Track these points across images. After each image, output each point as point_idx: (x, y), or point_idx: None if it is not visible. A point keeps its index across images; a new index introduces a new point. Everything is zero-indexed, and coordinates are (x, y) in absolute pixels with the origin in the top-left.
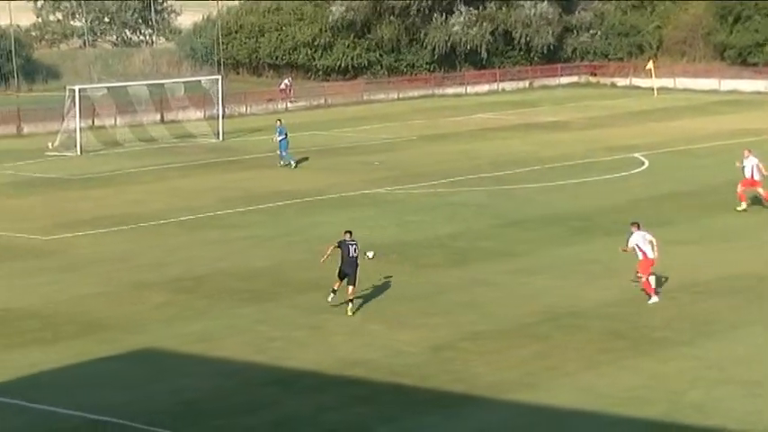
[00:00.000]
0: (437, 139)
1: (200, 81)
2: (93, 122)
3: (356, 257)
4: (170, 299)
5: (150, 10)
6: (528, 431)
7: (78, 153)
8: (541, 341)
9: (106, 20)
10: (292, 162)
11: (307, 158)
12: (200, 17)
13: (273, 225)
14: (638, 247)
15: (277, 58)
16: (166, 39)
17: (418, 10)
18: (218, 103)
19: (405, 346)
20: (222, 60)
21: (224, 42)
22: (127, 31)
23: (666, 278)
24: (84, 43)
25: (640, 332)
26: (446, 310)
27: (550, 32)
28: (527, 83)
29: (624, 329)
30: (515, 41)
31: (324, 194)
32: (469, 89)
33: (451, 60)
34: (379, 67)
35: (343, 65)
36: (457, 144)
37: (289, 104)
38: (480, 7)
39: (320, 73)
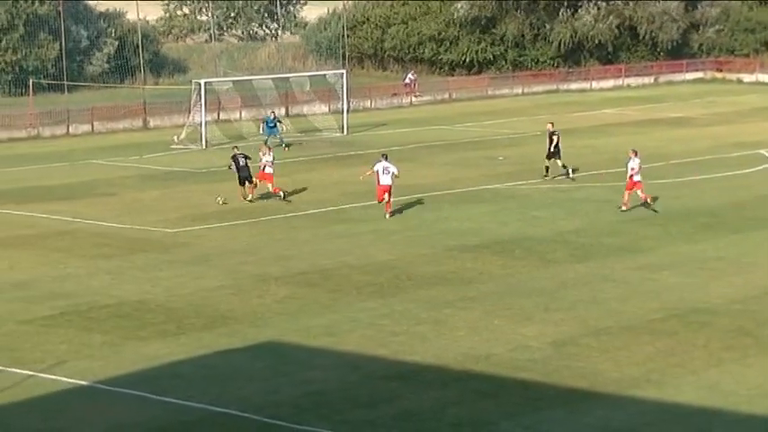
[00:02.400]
0: (561, 135)
1: (324, 75)
2: (218, 116)
3: None
4: (294, 292)
5: (276, 4)
6: (652, 428)
7: (203, 146)
8: (666, 338)
9: (232, 14)
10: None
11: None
12: (326, 11)
13: (397, 219)
14: None
15: (402, 52)
16: (292, 33)
17: (545, 5)
18: (342, 98)
19: (528, 341)
20: (347, 54)
21: (349, 36)
22: (253, 25)
23: None
24: (211, 37)
25: (767, 330)
26: (570, 305)
27: (675, 28)
28: (652, 78)
29: (750, 327)
30: (641, 37)
31: (447, 189)
32: (594, 84)
33: (576, 56)
34: (504, 62)
35: (467, 59)
36: (581, 139)
37: (413, 99)
38: (607, 2)
39: (445, 67)
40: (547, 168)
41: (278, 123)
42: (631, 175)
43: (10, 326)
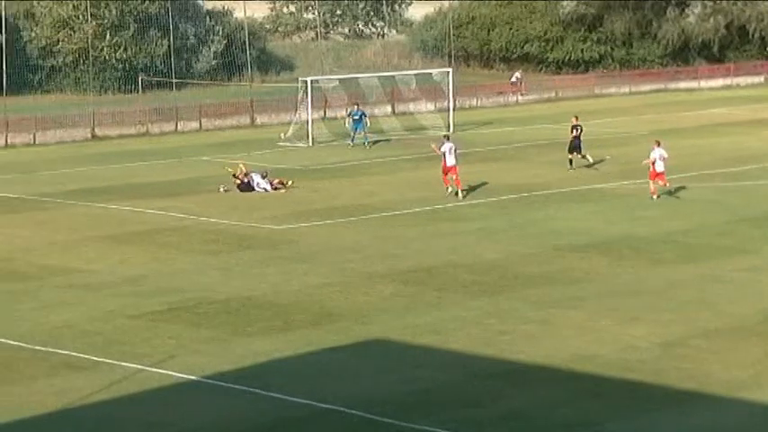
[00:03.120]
0: (668, 134)
1: (431, 73)
2: (324, 114)
3: None
4: (400, 290)
5: (382, 2)
6: (761, 431)
7: (309, 144)
8: None
9: (339, 12)
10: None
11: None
12: (432, 9)
13: (503, 218)
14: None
15: (508, 51)
16: (398, 31)
17: (652, 4)
18: (448, 96)
19: (636, 342)
20: (453, 53)
21: (455, 35)
22: (359, 23)
23: None
24: (317, 35)
25: None
26: (678, 306)
27: None
28: (762, 78)
29: None
30: (750, 36)
31: (553, 188)
32: (702, 84)
33: (684, 54)
34: (611, 61)
35: (573, 58)
36: (688, 139)
37: (519, 97)
38: (714, 1)
39: (551, 66)
40: (570, 161)
41: (364, 117)
42: (653, 165)
43: (120, 320)
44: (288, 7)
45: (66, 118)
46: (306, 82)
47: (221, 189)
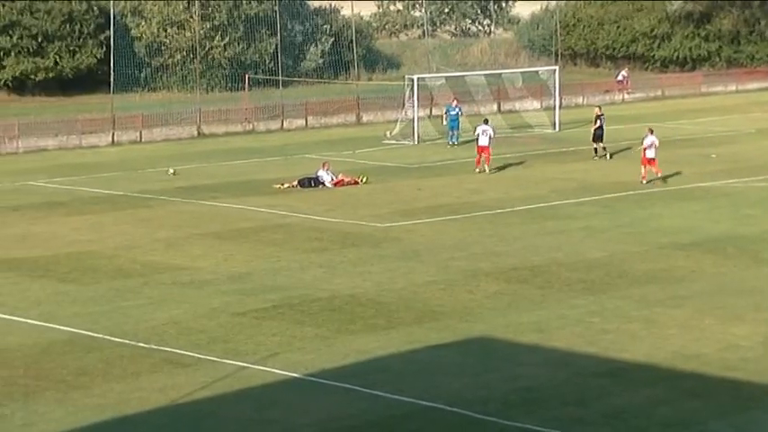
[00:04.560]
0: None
1: (537, 72)
2: (430, 112)
3: None
4: (504, 288)
5: (489, 0)
6: None
7: (415, 142)
8: None
9: (446, 10)
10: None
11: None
12: (539, 7)
13: (608, 216)
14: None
15: (615, 49)
16: (504, 29)
17: (760, 3)
18: (554, 94)
19: (739, 341)
20: (560, 51)
21: (562, 33)
22: (466, 21)
23: None
24: (424, 33)
25: None
26: None
27: None
28: None
29: None
30: None
31: (660, 187)
32: None
33: None
34: (718, 59)
35: (680, 56)
36: None
37: (625, 96)
38: None
39: (657, 64)
40: (595, 150)
41: (460, 115)
42: (644, 151)
43: (224, 317)
44: (395, 5)
45: (172, 116)
46: (412, 80)
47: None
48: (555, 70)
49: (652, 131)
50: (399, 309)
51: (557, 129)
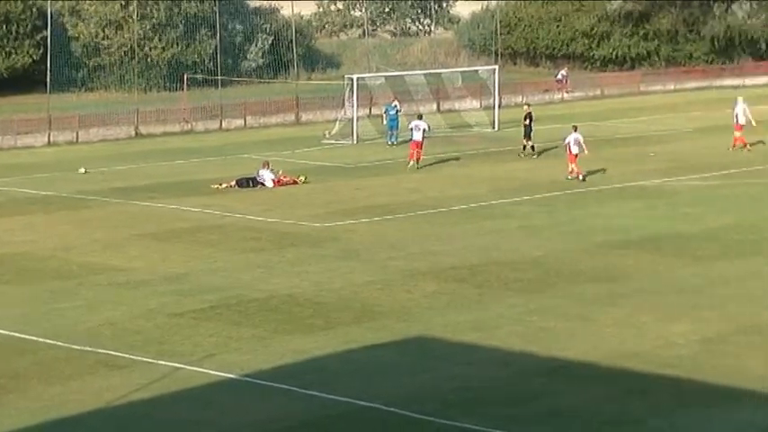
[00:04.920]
0: (713, 131)
1: (477, 71)
2: (370, 111)
3: None
4: (442, 287)
5: (429, 0)
6: None
7: (354, 141)
8: None
9: (386, 10)
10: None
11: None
12: (479, 7)
13: (546, 215)
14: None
15: (554, 49)
16: (444, 28)
17: (700, 3)
18: (494, 93)
19: (676, 339)
20: (500, 51)
21: (502, 33)
22: (406, 20)
23: None
24: (364, 33)
25: None
26: (719, 303)
27: None
28: None
29: None
30: None
31: (597, 185)
32: (748, 81)
33: (730, 51)
34: (657, 58)
35: (619, 54)
36: (733, 136)
37: (565, 95)
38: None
39: (597, 63)
40: (524, 147)
41: (398, 114)
42: (568, 148)
43: (161, 318)
44: (335, 5)
45: (109, 116)
46: (351, 79)
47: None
48: (494, 70)
49: (576, 129)
50: (337, 309)
51: (496, 128)
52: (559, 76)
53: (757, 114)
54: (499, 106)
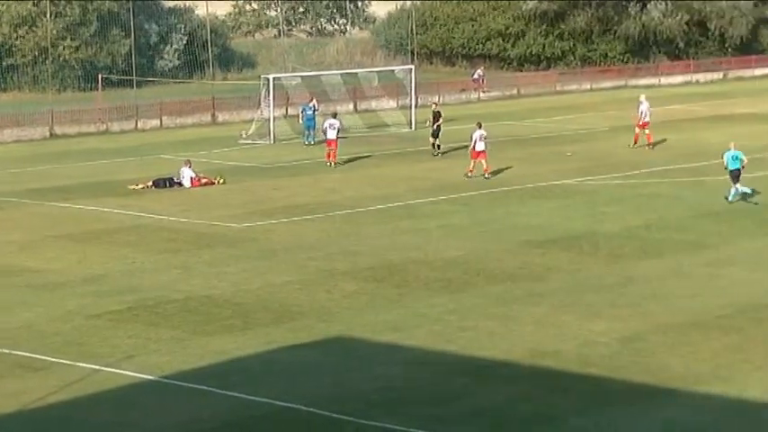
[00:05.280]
0: (629, 130)
1: (393, 71)
2: (286, 111)
3: None
4: (362, 287)
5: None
6: (721, 425)
7: (271, 142)
8: (734, 334)
9: (301, 9)
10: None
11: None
12: (395, 6)
13: (465, 215)
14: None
15: (470, 48)
16: (360, 28)
17: (614, 4)
18: (410, 93)
19: (596, 337)
20: (416, 50)
21: (418, 32)
22: (321, 20)
23: None
24: (280, 33)
25: None
26: (638, 301)
27: (745, 24)
28: (721, 74)
29: None
30: (710, 33)
31: (515, 185)
32: (663, 80)
33: (645, 51)
34: (573, 58)
35: (534, 51)
36: (635, 134)
37: (481, 94)
38: None
39: (513, 63)
40: (433, 145)
41: (315, 114)
42: (474, 146)
43: (79, 320)
44: (250, 4)
45: (23, 116)
46: (268, 79)
47: (138, 186)
48: (411, 69)
49: (480, 125)
50: (256, 309)
51: (413, 128)
52: (476, 76)
53: (669, 115)
54: (416, 106)
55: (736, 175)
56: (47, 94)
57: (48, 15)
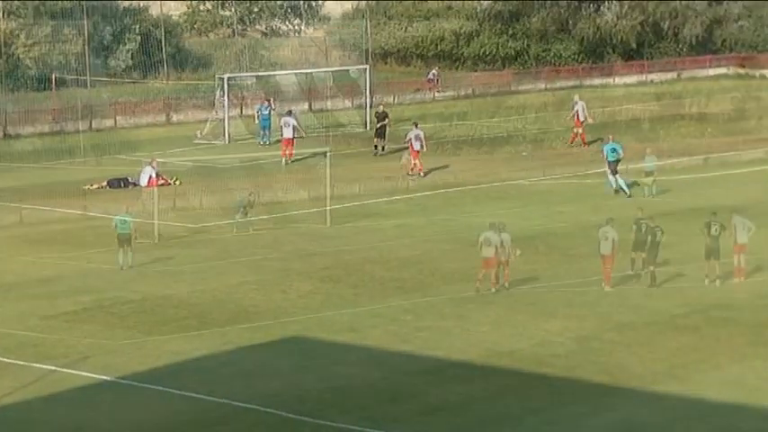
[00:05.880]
0: (585, 130)
1: (348, 70)
2: (241, 111)
3: None
4: (317, 287)
5: None
6: (676, 423)
7: (226, 142)
8: (689, 334)
9: (255, 9)
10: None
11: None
12: (349, 6)
13: (421, 215)
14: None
15: (425, 48)
16: (315, 28)
17: (568, 4)
18: (365, 93)
19: (551, 337)
20: (371, 50)
21: (373, 32)
22: (276, 20)
23: None
24: (234, 32)
25: None
26: (593, 300)
27: (699, 24)
28: (675, 74)
29: None
30: (664, 32)
31: (471, 185)
32: (617, 80)
33: (599, 51)
34: (527, 58)
35: (488, 51)
36: (604, 135)
37: (436, 94)
38: None
39: (468, 63)
40: (375, 146)
41: (270, 114)
42: (410, 145)
43: (34, 321)
44: (204, 4)
45: None
46: (222, 79)
47: (92, 186)
48: (366, 69)
49: (417, 125)
50: (212, 309)
51: (367, 127)
52: (431, 76)
53: (623, 114)
54: (370, 106)
55: (614, 167)
56: (0, 94)
57: (0, 14)
